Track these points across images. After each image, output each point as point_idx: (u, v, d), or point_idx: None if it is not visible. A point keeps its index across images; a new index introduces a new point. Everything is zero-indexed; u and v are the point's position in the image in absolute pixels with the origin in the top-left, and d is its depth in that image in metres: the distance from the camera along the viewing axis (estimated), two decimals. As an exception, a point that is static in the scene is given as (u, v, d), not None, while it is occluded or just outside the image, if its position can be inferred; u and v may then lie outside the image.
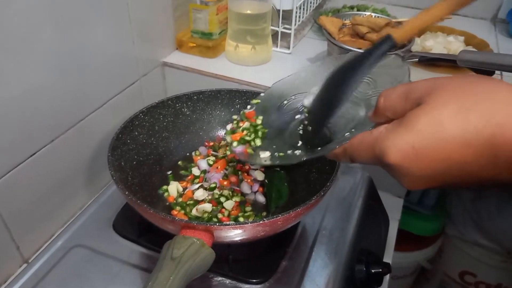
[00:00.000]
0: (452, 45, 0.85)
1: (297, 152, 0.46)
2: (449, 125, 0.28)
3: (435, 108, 0.29)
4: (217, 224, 0.44)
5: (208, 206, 0.56)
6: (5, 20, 0.48)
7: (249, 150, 0.51)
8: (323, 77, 0.49)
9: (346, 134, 0.41)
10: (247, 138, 0.52)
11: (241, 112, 0.55)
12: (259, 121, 0.53)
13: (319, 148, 0.42)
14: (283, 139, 0.50)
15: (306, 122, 0.50)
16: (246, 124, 0.53)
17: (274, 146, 0.50)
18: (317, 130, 0.46)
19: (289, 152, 0.47)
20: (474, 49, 0.86)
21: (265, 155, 0.49)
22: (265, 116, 0.53)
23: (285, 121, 0.52)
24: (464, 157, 0.28)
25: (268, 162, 0.48)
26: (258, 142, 0.51)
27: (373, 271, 0.59)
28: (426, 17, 0.42)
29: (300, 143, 0.48)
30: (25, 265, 0.61)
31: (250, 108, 0.54)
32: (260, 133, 0.52)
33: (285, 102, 0.53)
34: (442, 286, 1.29)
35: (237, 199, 0.59)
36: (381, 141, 0.32)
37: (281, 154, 0.48)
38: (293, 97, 0.53)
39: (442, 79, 0.31)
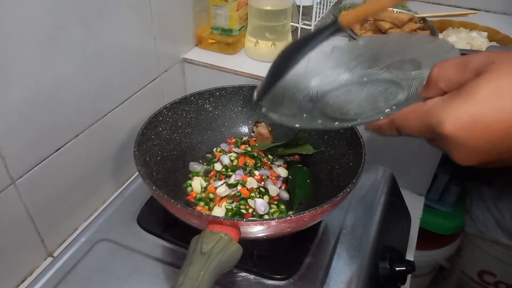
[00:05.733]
0: (475, 41, 0.83)
1: (336, 122, 0.45)
2: (511, 94, 0.28)
3: (498, 77, 0.29)
4: (244, 220, 0.44)
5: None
6: (32, 16, 0.49)
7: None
8: (363, 52, 0.50)
9: (387, 110, 0.40)
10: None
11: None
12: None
13: (359, 120, 0.41)
14: (316, 110, 0.50)
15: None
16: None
17: (304, 115, 0.48)
18: (259, 100, 0.48)
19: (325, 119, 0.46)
20: (498, 45, 0.84)
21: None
22: (297, 90, 0.52)
23: (320, 96, 0.50)
24: None
25: (302, 125, 0.48)
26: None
27: (397, 269, 0.58)
28: (375, 4, 0.41)
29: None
30: (49, 258, 0.62)
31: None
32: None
33: (320, 76, 0.52)
34: (460, 285, 1.27)
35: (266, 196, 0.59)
36: (438, 111, 0.31)
37: (319, 121, 0.46)
38: (328, 71, 0.52)
39: (502, 52, 0.31)
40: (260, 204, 0.57)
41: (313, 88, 0.50)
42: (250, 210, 0.57)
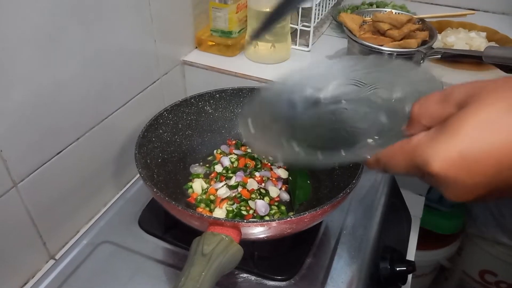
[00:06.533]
0: (474, 41, 0.83)
1: (320, 156, 0.42)
2: (499, 125, 0.26)
3: (482, 109, 0.27)
4: (245, 221, 0.44)
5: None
6: (32, 16, 0.49)
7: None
8: (341, 74, 0.48)
9: (369, 140, 0.39)
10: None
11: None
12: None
13: (343, 154, 0.39)
14: (297, 131, 0.49)
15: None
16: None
17: (284, 144, 0.46)
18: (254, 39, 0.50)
19: (310, 152, 0.44)
20: (496, 45, 0.84)
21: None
22: (274, 109, 0.50)
23: (298, 115, 0.49)
24: None
25: (285, 156, 0.47)
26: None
27: (397, 269, 0.58)
28: None
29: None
30: (51, 261, 0.63)
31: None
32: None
33: (298, 95, 0.50)
34: (462, 285, 1.27)
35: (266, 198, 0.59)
36: (423, 150, 0.29)
37: (301, 153, 0.44)
38: (306, 90, 0.52)
39: (483, 81, 0.30)
40: (261, 205, 0.57)
41: (290, 113, 0.49)
42: (251, 212, 0.57)
